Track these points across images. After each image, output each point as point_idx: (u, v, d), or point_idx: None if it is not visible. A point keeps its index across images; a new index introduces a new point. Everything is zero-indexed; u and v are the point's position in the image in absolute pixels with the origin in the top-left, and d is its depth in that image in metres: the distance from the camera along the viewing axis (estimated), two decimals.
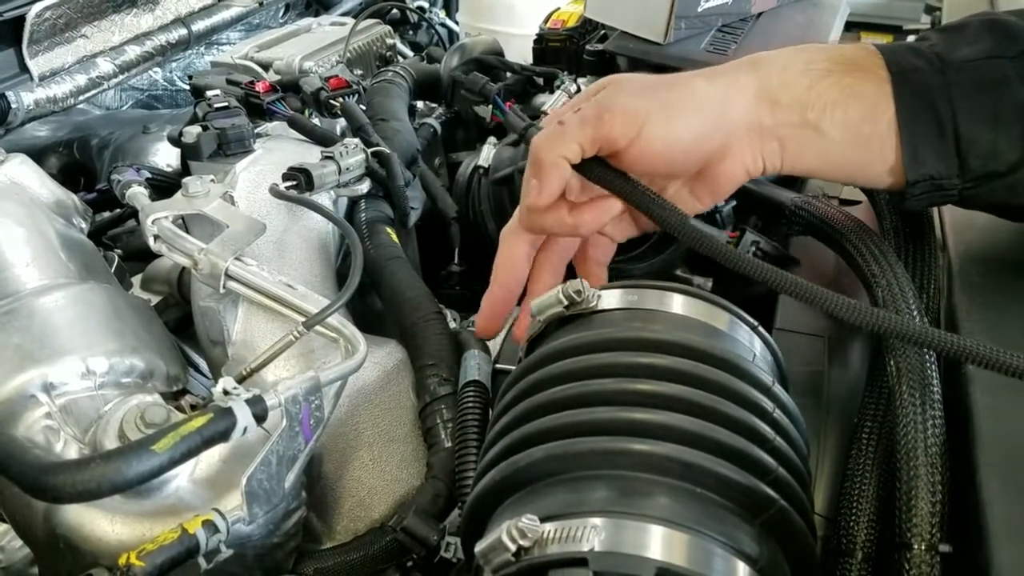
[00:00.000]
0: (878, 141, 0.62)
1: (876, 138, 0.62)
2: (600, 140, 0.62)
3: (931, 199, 0.64)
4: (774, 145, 0.64)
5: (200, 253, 0.71)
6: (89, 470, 0.50)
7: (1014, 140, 0.60)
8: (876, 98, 0.62)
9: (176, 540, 0.54)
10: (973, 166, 0.61)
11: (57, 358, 0.64)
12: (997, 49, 0.61)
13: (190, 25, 1.49)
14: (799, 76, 0.63)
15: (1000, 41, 0.62)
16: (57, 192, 0.87)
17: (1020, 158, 0.60)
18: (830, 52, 0.65)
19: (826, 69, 0.63)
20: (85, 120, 1.47)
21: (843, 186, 0.93)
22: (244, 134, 0.86)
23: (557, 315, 0.59)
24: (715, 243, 0.60)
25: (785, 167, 0.65)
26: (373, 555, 0.66)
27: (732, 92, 0.64)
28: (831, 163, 0.65)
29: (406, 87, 1.12)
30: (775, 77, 0.64)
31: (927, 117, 0.61)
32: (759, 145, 0.64)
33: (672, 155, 0.63)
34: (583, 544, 0.41)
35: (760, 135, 0.64)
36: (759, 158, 0.65)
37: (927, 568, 0.49)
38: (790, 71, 0.64)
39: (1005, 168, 0.61)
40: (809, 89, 0.63)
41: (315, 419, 0.62)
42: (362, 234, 0.86)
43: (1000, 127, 0.60)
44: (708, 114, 0.63)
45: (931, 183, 0.62)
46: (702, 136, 0.63)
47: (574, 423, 0.48)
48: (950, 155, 0.61)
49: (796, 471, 0.49)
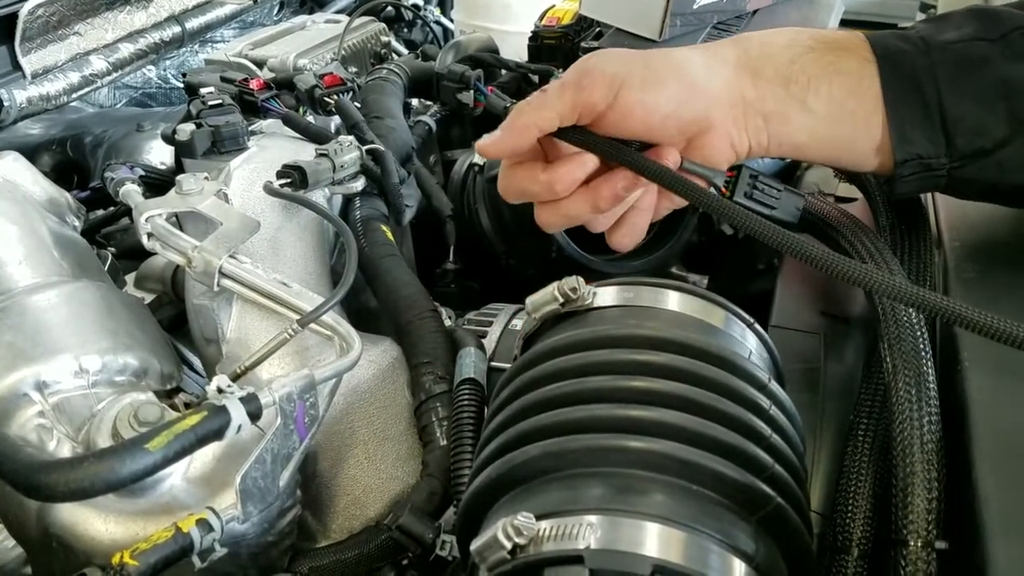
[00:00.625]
0: (864, 117, 0.63)
1: (862, 114, 0.63)
2: (580, 104, 0.61)
3: (920, 181, 0.64)
4: (758, 121, 0.64)
5: (194, 251, 0.71)
6: (82, 468, 0.50)
7: (999, 117, 0.61)
8: (860, 75, 0.63)
9: (170, 539, 0.53)
10: (960, 144, 0.62)
11: (50, 356, 0.64)
12: (981, 32, 0.62)
13: (184, 23, 1.49)
14: (781, 50, 0.64)
15: (984, 25, 0.63)
16: (50, 190, 0.87)
17: (1006, 135, 0.61)
18: (813, 33, 0.66)
19: (808, 46, 0.64)
20: (78, 118, 1.46)
21: (839, 184, 0.93)
22: (238, 132, 0.86)
23: (553, 312, 0.59)
24: (688, 185, 0.61)
25: (772, 146, 0.65)
26: (368, 553, 0.66)
27: (712, 62, 0.64)
28: (817, 140, 0.65)
29: (401, 85, 1.12)
30: (756, 50, 0.64)
31: (913, 97, 0.62)
32: (743, 120, 0.64)
33: (652, 121, 0.62)
34: (579, 542, 0.41)
35: (744, 110, 0.64)
36: (744, 134, 0.65)
37: (923, 565, 0.49)
38: (772, 45, 0.65)
39: (992, 145, 0.61)
40: (791, 63, 0.63)
41: (310, 417, 0.62)
42: (357, 232, 0.86)
43: (985, 104, 0.61)
44: (687, 81, 0.63)
45: (919, 162, 0.63)
46: (681, 103, 0.62)
47: (570, 420, 0.48)
48: (937, 134, 0.62)
49: (792, 468, 0.49)
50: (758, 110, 0.64)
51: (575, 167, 0.63)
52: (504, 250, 1.00)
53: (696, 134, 0.64)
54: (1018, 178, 0.63)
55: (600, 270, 0.92)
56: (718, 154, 0.65)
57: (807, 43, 0.64)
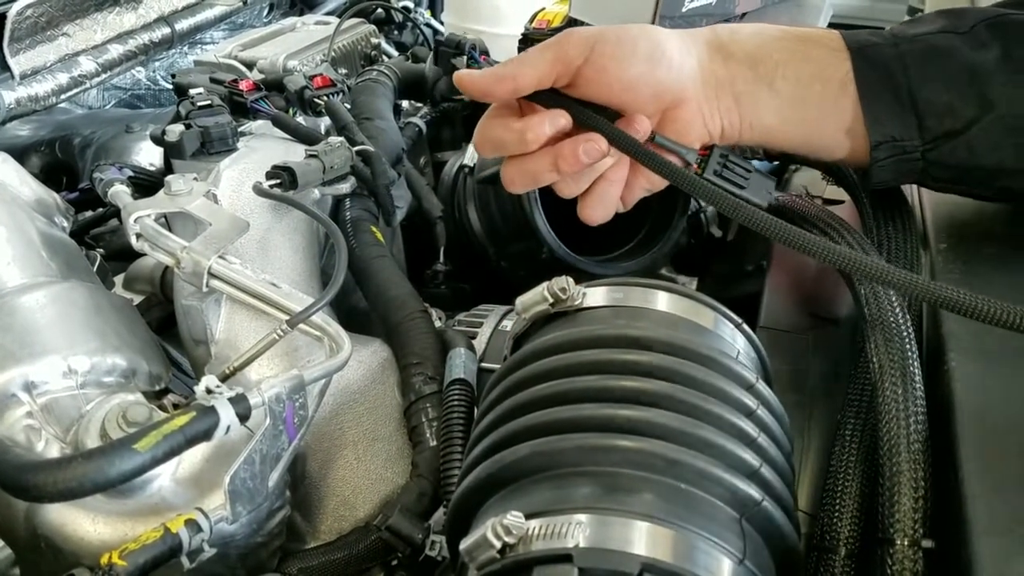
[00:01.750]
0: (831, 99, 0.66)
1: (829, 96, 0.66)
2: (558, 60, 0.64)
3: (896, 165, 0.67)
4: (729, 101, 0.68)
5: (183, 251, 0.71)
6: (71, 469, 0.49)
7: (967, 99, 0.64)
8: (826, 62, 0.66)
9: (159, 539, 0.53)
10: (931, 125, 0.65)
11: (38, 357, 0.64)
12: (948, 27, 0.66)
13: (173, 24, 1.48)
14: (749, 37, 0.68)
15: (951, 21, 0.67)
16: (38, 191, 0.86)
17: (975, 115, 0.64)
18: (784, 27, 0.70)
19: (775, 36, 0.68)
20: (67, 119, 1.45)
21: (827, 186, 0.93)
22: (227, 132, 0.85)
23: (542, 312, 0.59)
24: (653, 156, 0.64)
25: (744, 127, 0.68)
26: (358, 554, 0.66)
27: (687, 41, 0.68)
28: (786, 122, 0.68)
29: (391, 86, 1.12)
30: (726, 36, 0.68)
31: (884, 83, 0.65)
32: (716, 100, 0.68)
33: (625, 79, 0.65)
34: (568, 540, 0.41)
35: (716, 90, 0.67)
36: (716, 114, 0.68)
37: (910, 564, 0.50)
38: (741, 32, 0.69)
39: (961, 125, 0.64)
40: (759, 48, 0.67)
41: (299, 418, 0.61)
42: (347, 233, 0.86)
43: (953, 88, 0.64)
44: (660, 49, 0.66)
45: (893, 144, 0.66)
46: (654, 65, 0.65)
47: (559, 420, 0.48)
48: (908, 116, 0.65)
49: (780, 468, 0.49)
50: (729, 90, 0.67)
51: (547, 119, 0.66)
52: (494, 251, 1.00)
53: (670, 106, 0.67)
54: (988, 160, 0.65)
55: (590, 271, 0.92)
56: (691, 131, 0.68)
57: (775, 33, 0.68)
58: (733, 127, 0.68)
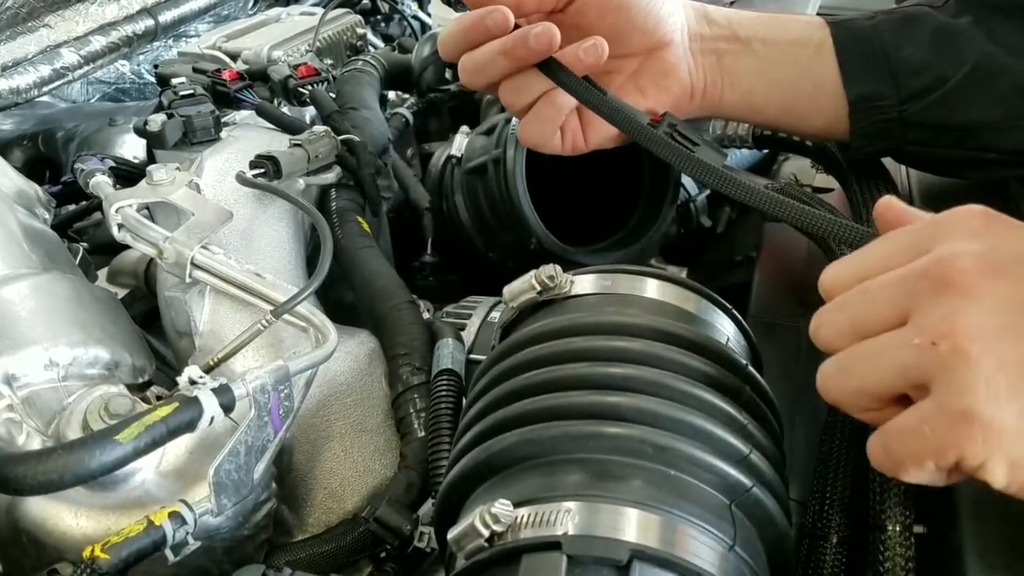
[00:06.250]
0: (806, 63, 0.70)
1: (805, 58, 0.70)
2: None
3: (874, 127, 0.69)
4: (712, 59, 0.71)
5: (165, 242, 0.70)
6: (51, 460, 0.49)
7: (941, 58, 0.67)
8: (804, 30, 0.71)
9: (142, 532, 0.53)
10: (906, 82, 0.68)
11: (19, 349, 0.62)
12: (923, 2, 0.71)
13: (157, 16, 1.46)
14: (730, 11, 0.72)
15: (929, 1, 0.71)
16: (19, 182, 0.85)
17: (950, 72, 0.67)
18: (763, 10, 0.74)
19: (756, 14, 0.72)
20: (50, 113, 1.44)
21: (816, 174, 0.93)
22: (210, 122, 0.84)
23: (530, 301, 0.58)
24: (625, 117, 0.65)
25: (725, 87, 0.71)
26: (346, 546, 0.66)
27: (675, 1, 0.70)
28: (764, 83, 0.71)
29: (377, 76, 1.11)
30: (709, 7, 0.73)
31: (860, 47, 0.69)
32: (699, 56, 0.71)
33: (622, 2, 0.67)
34: (557, 528, 0.41)
35: (700, 44, 0.71)
36: (700, 69, 0.71)
37: (902, 549, 0.49)
38: (721, 8, 0.73)
39: (936, 81, 0.67)
40: (740, 18, 0.72)
41: (284, 409, 0.61)
42: (332, 223, 0.85)
43: (927, 48, 0.68)
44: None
45: (870, 105, 0.68)
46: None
47: (547, 407, 0.48)
48: (884, 74, 0.68)
49: (770, 454, 0.49)
50: (711, 49, 0.71)
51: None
52: (483, 242, 1.00)
53: (656, 44, 0.69)
54: (965, 116, 0.67)
55: (579, 262, 0.92)
56: (675, 74, 0.70)
57: (754, 13, 0.72)
58: (715, 85, 0.71)
